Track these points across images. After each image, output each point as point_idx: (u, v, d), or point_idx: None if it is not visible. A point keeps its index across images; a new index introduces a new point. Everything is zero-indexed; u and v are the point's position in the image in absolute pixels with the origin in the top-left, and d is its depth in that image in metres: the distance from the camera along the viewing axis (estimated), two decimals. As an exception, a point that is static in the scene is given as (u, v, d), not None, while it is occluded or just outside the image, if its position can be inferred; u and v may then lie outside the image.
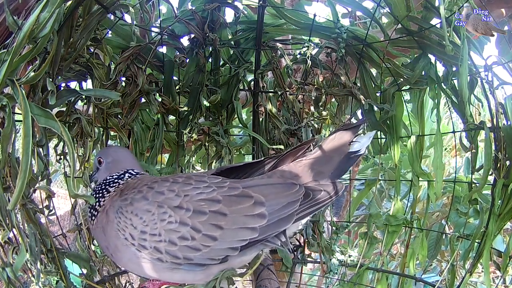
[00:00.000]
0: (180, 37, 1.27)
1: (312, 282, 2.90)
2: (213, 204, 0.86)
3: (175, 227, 0.83)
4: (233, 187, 0.89)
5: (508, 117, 1.09)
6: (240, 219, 0.86)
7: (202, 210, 0.85)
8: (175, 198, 0.85)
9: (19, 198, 0.76)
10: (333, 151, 0.98)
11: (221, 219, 0.85)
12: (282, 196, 0.90)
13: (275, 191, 0.91)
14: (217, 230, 0.84)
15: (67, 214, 4.10)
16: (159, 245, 0.83)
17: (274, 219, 0.88)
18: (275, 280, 1.19)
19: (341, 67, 1.30)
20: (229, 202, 0.87)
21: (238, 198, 0.88)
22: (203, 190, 0.87)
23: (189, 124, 1.30)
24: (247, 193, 0.88)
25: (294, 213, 0.90)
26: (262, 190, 0.90)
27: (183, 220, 0.84)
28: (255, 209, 0.87)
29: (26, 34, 0.78)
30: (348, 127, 1.00)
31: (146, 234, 0.83)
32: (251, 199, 0.88)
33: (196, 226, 0.84)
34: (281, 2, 1.37)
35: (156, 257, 0.84)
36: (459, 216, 1.61)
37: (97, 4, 1.01)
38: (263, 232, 0.87)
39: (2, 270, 0.89)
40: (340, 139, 0.99)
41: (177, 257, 0.84)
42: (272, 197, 0.89)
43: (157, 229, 0.83)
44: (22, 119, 0.77)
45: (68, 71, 1.06)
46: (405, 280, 1.32)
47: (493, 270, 1.32)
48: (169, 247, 0.83)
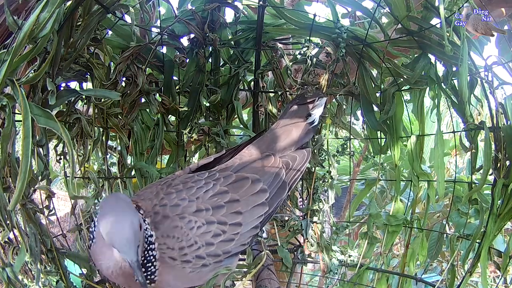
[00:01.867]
0: (180, 37, 1.27)
1: (313, 282, 2.90)
2: (224, 196, 0.90)
3: (205, 229, 0.86)
4: (227, 175, 0.94)
5: (508, 117, 1.09)
6: (250, 199, 0.92)
7: (219, 205, 0.89)
8: (190, 204, 0.87)
9: (19, 198, 0.76)
10: (292, 125, 1.08)
11: (237, 205, 0.90)
12: (268, 168, 0.98)
13: (260, 166, 0.98)
14: (238, 216, 0.90)
15: (67, 216, 4.10)
16: (199, 252, 0.85)
17: (273, 190, 0.96)
18: (275, 280, 1.19)
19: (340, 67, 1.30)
20: (234, 188, 0.92)
21: (238, 182, 0.93)
22: (206, 187, 0.90)
23: (189, 124, 1.30)
24: (242, 176, 0.95)
25: (286, 181, 0.99)
26: (250, 168, 0.97)
27: (208, 219, 0.86)
28: (256, 187, 0.94)
29: (26, 34, 0.78)
30: (304, 101, 1.11)
31: (184, 249, 0.83)
32: (248, 179, 0.94)
33: (222, 220, 0.88)
34: (281, 2, 1.38)
35: (200, 264, 0.85)
36: (460, 216, 1.61)
37: (97, 4, 1.01)
38: (271, 204, 0.95)
39: (2, 270, 0.89)
40: (296, 112, 1.09)
41: (218, 254, 0.87)
42: (261, 172, 0.97)
43: (191, 239, 0.84)
44: (22, 119, 0.77)
45: (68, 71, 1.06)
46: (405, 280, 1.31)
47: (493, 270, 1.32)
48: (208, 249, 0.86)
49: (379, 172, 1.42)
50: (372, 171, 2.94)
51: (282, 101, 1.37)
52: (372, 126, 1.35)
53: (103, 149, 1.22)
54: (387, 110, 1.28)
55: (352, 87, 1.32)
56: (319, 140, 1.30)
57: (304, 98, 1.16)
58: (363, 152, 2.89)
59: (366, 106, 1.34)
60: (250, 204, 0.92)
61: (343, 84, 1.34)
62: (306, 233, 1.30)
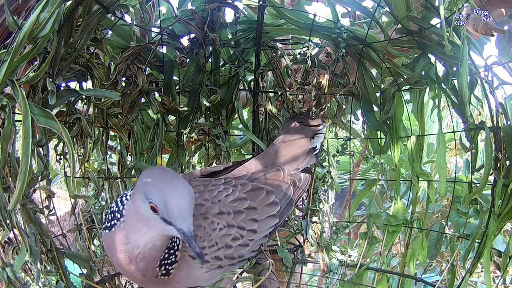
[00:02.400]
0: (180, 37, 1.27)
1: (312, 282, 2.90)
2: (243, 202, 0.91)
3: (226, 231, 0.87)
4: (243, 183, 0.96)
5: (508, 117, 1.09)
6: (265, 209, 0.94)
7: (239, 210, 0.90)
8: (213, 206, 0.88)
9: (19, 198, 0.76)
10: (296, 146, 1.11)
11: (254, 213, 0.92)
12: (279, 182, 1.00)
13: (272, 179, 1.00)
14: (255, 223, 0.92)
15: (67, 215, 4.10)
16: (218, 253, 0.86)
17: (283, 204, 0.98)
18: (275, 280, 1.19)
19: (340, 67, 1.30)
20: (251, 196, 0.94)
21: (254, 191, 0.95)
22: (226, 192, 0.91)
23: (189, 124, 1.30)
24: (257, 185, 0.96)
25: (293, 199, 1.01)
26: (263, 180, 0.99)
27: (229, 223, 0.88)
28: (270, 198, 0.96)
29: (26, 34, 0.78)
30: (308, 123, 1.13)
31: (205, 249, 0.84)
32: (263, 190, 0.96)
33: (241, 225, 0.89)
34: (281, 2, 1.38)
35: (216, 265, 0.86)
36: (460, 216, 1.61)
37: (97, 4, 1.01)
38: (280, 217, 0.97)
39: (2, 270, 0.89)
40: (300, 132, 1.12)
41: (234, 257, 0.88)
42: (275, 185, 0.99)
43: (212, 239, 0.85)
44: (22, 119, 0.77)
45: (68, 71, 1.06)
46: (405, 280, 1.32)
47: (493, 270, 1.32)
48: (226, 251, 0.87)
49: (379, 172, 1.42)
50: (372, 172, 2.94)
51: (282, 101, 1.37)
52: (372, 126, 1.35)
53: (103, 149, 1.22)
54: (387, 110, 1.28)
55: (352, 87, 1.32)
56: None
57: (308, 118, 1.19)
58: (363, 152, 2.89)
59: (366, 106, 1.34)
60: (265, 214, 0.94)
61: (343, 84, 1.34)
62: (306, 233, 1.30)
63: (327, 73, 1.28)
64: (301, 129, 1.14)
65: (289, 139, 1.12)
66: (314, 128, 1.15)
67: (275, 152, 1.10)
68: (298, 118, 1.19)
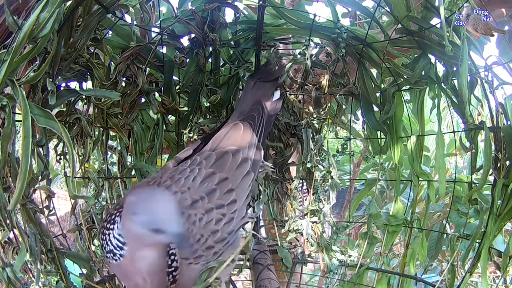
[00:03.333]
0: (180, 37, 1.27)
1: (313, 282, 2.90)
2: (212, 178, 0.87)
3: (207, 219, 0.83)
4: (207, 156, 0.92)
5: (508, 117, 1.09)
6: (236, 173, 0.90)
7: (211, 189, 0.86)
8: (184, 196, 0.84)
9: (19, 198, 0.76)
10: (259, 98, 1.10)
11: (227, 183, 0.88)
12: (242, 135, 0.97)
13: (234, 136, 0.97)
14: (231, 194, 0.88)
15: (67, 215, 4.10)
16: (207, 243, 0.82)
17: (252, 156, 0.95)
18: (275, 280, 1.19)
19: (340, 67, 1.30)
20: (218, 167, 0.89)
21: (220, 160, 0.91)
22: (192, 174, 0.87)
23: (189, 124, 1.30)
24: (221, 152, 0.92)
25: (258, 143, 0.99)
26: (225, 141, 0.96)
27: (206, 208, 0.84)
28: (237, 158, 0.92)
29: (26, 34, 0.78)
30: (269, 78, 1.15)
31: (193, 246, 0.81)
32: (228, 153, 0.92)
33: (219, 203, 0.85)
34: (281, 2, 1.37)
35: (211, 254, 0.83)
36: (460, 216, 1.61)
37: (97, 4, 1.01)
38: (254, 171, 0.94)
39: (2, 270, 0.89)
40: (262, 89, 1.14)
41: (224, 238, 0.85)
42: (237, 142, 0.95)
43: (196, 233, 0.82)
44: (22, 119, 0.77)
45: (68, 71, 1.06)
46: (405, 280, 1.31)
47: (494, 270, 1.32)
48: (215, 237, 0.84)
49: (379, 172, 1.42)
50: (372, 171, 2.94)
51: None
52: (372, 126, 1.35)
53: (103, 149, 1.22)
54: (387, 110, 1.28)
55: (352, 87, 1.32)
56: (319, 140, 1.31)
57: (268, 74, 1.19)
58: (363, 152, 2.89)
59: (366, 106, 1.34)
60: (238, 178, 0.90)
61: (343, 84, 1.34)
62: (306, 233, 1.30)
63: (327, 73, 1.28)
64: (261, 87, 1.14)
65: (250, 98, 1.11)
66: (275, 82, 1.16)
67: (238, 113, 1.08)
68: (257, 76, 1.20)
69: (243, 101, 1.12)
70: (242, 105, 1.11)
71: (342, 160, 2.90)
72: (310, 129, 1.30)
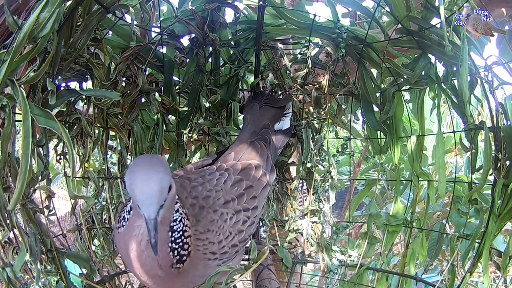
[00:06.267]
0: (180, 37, 1.27)
1: (313, 282, 2.90)
2: (241, 184, 0.96)
3: (236, 219, 0.91)
4: (233, 165, 1.01)
5: (508, 117, 1.09)
6: (258, 183, 1.00)
7: (240, 193, 0.95)
8: (217, 195, 0.91)
9: (19, 198, 0.76)
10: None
11: (252, 190, 0.98)
12: (261, 153, 1.07)
13: (254, 152, 1.07)
14: (255, 200, 0.97)
15: (67, 215, 4.10)
16: (234, 241, 0.90)
17: (268, 172, 1.06)
18: (275, 280, 1.19)
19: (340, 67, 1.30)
20: (245, 175, 0.99)
21: (245, 170, 1.00)
22: (223, 178, 0.95)
23: (189, 124, 1.30)
24: (246, 163, 1.02)
25: (273, 164, 1.11)
26: (247, 156, 1.05)
27: (236, 209, 0.92)
28: (259, 171, 1.02)
29: (26, 34, 0.78)
30: (275, 105, 1.22)
31: (222, 241, 0.87)
32: (251, 165, 1.02)
33: (246, 207, 0.94)
34: (281, 2, 1.37)
35: (234, 251, 0.90)
36: (460, 216, 1.61)
37: (97, 4, 1.01)
38: (269, 185, 1.05)
39: (2, 270, 0.89)
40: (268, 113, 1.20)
41: (246, 239, 0.94)
42: (258, 158, 1.06)
43: (226, 231, 0.88)
44: (22, 119, 0.77)
45: (68, 71, 1.06)
46: (405, 280, 1.31)
47: (494, 270, 1.32)
48: (240, 236, 0.92)
49: (379, 172, 1.42)
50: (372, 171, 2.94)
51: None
52: (372, 126, 1.35)
53: (103, 149, 1.22)
54: (387, 110, 1.28)
55: (352, 87, 1.32)
56: (319, 140, 1.31)
57: (273, 100, 1.25)
58: (363, 152, 2.89)
59: (366, 106, 1.34)
60: (259, 188, 1.00)
61: (343, 84, 1.34)
62: (306, 233, 1.30)
63: (327, 73, 1.28)
64: (268, 111, 1.20)
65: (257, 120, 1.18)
66: (281, 109, 1.22)
67: (249, 133, 1.15)
68: (262, 98, 1.25)
69: (252, 122, 1.18)
70: (252, 125, 1.17)
71: (342, 161, 2.91)
72: (310, 129, 1.30)
